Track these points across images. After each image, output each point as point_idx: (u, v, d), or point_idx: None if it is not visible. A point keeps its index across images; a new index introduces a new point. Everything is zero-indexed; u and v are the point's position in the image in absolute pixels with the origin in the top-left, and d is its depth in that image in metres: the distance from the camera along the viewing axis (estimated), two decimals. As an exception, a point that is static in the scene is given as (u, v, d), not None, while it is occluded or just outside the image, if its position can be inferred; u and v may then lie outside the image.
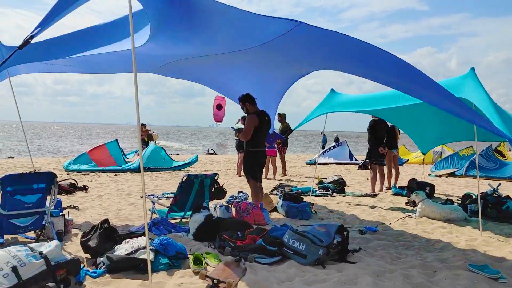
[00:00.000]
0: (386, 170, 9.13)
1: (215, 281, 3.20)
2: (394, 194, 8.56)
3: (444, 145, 16.71)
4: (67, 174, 10.62)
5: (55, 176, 4.24)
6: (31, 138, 45.21)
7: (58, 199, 4.75)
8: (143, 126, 19.41)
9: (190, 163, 13.38)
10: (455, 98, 3.80)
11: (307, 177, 12.04)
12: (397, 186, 9.00)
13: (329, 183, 8.95)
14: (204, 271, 3.30)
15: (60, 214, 4.61)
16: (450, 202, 7.09)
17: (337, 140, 24.60)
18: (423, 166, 12.63)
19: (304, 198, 6.68)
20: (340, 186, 8.71)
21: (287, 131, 11.64)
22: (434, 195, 8.30)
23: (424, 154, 9.61)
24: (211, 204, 5.74)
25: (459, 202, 7.29)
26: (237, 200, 6.87)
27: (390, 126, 8.98)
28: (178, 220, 5.38)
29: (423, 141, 8.94)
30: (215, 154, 23.89)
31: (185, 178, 5.11)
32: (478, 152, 13.04)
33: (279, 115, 11.28)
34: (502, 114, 4.61)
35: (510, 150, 20.41)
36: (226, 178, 10.14)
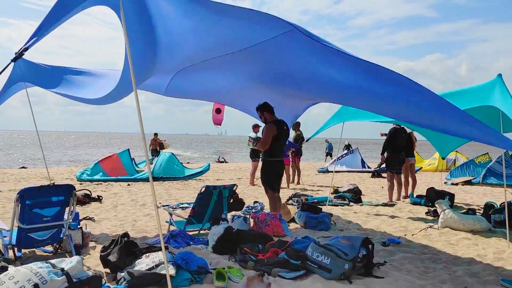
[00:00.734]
0: (402, 178, 8.97)
1: (240, 298, 3.08)
2: (412, 203, 8.39)
3: (457, 152, 16.47)
4: (80, 184, 10.61)
5: (73, 189, 4.17)
6: (43, 148, 45.68)
7: (76, 212, 4.67)
8: (155, 135, 19.48)
9: (202, 172, 13.30)
10: (479, 123, 3.41)
11: (320, 186, 11.90)
12: (414, 195, 8.82)
13: (344, 192, 8.80)
14: (228, 288, 3.19)
15: (78, 227, 4.54)
16: (471, 212, 6.91)
17: (348, 147, 24.43)
18: (440, 174, 12.44)
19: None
20: (356, 195, 8.55)
21: (300, 139, 11.54)
22: (453, 204, 8.11)
23: (443, 158, 9.44)
24: (229, 216, 5.64)
25: (480, 212, 7.10)
26: (253, 210, 6.76)
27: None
28: (196, 232, 5.28)
29: (443, 144, 8.77)
30: (226, 162, 23.83)
31: (203, 189, 5.02)
32: (494, 159, 12.85)
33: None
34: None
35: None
36: (240, 187, 10.04)
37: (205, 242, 4.75)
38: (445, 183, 12.58)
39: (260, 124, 10.93)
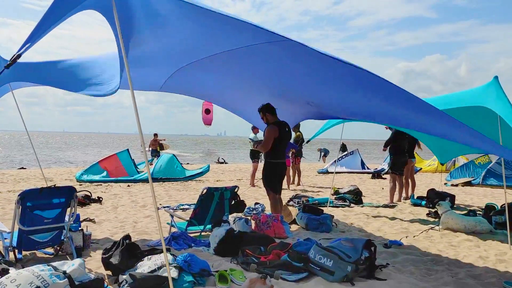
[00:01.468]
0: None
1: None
2: (413, 205, 8.38)
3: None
4: (79, 185, 10.58)
5: (75, 191, 4.15)
6: (42, 148, 45.59)
7: (77, 214, 4.65)
8: (155, 135, 19.45)
9: (202, 173, 13.30)
10: (472, 130, 3.50)
11: (320, 187, 11.89)
12: (415, 196, 8.82)
13: (345, 193, 8.78)
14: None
15: (79, 228, 4.52)
16: (472, 213, 6.90)
17: (343, 147, 24.28)
18: (440, 175, 12.43)
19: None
20: (357, 197, 8.54)
21: (300, 140, 11.52)
22: (454, 205, 8.10)
23: (442, 164, 9.41)
24: (230, 217, 5.62)
25: (480, 213, 7.09)
26: (254, 212, 6.74)
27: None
28: (197, 234, 5.26)
29: (443, 152, 8.74)
30: (226, 163, 23.81)
31: (205, 190, 5.00)
32: (494, 161, 12.85)
33: (292, 124, 11.17)
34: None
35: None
36: (240, 189, 10.02)
37: (206, 244, 4.73)
38: (445, 184, 12.58)
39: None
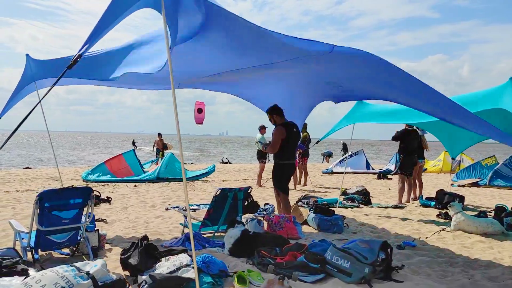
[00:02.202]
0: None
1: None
2: (422, 206, 8.37)
3: (463, 153, 16.45)
4: (86, 185, 10.59)
5: (91, 191, 4.17)
6: (45, 148, 45.64)
7: (92, 214, 4.66)
8: (159, 135, 19.48)
9: (207, 173, 13.29)
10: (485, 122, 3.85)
11: (327, 187, 11.89)
12: (423, 197, 8.81)
13: (353, 194, 8.78)
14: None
15: (94, 229, 4.53)
16: (483, 214, 6.89)
17: (345, 147, 24.30)
18: (449, 176, 12.42)
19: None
20: (366, 197, 8.54)
21: (307, 140, 11.53)
22: (463, 206, 8.09)
23: (453, 158, 9.45)
24: (242, 218, 5.62)
25: (491, 214, 7.08)
26: (265, 212, 6.75)
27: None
28: (211, 235, 5.27)
29: (454, 145, 8.76)
30: (230, 163, 23.82)
31: (219, 191, 5.00)
32: (501, 162, 12.83)
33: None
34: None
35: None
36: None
37: (220, 244, 4.74)
38: (451, 184, 12.56)
39: (267, 125, 10.95)
